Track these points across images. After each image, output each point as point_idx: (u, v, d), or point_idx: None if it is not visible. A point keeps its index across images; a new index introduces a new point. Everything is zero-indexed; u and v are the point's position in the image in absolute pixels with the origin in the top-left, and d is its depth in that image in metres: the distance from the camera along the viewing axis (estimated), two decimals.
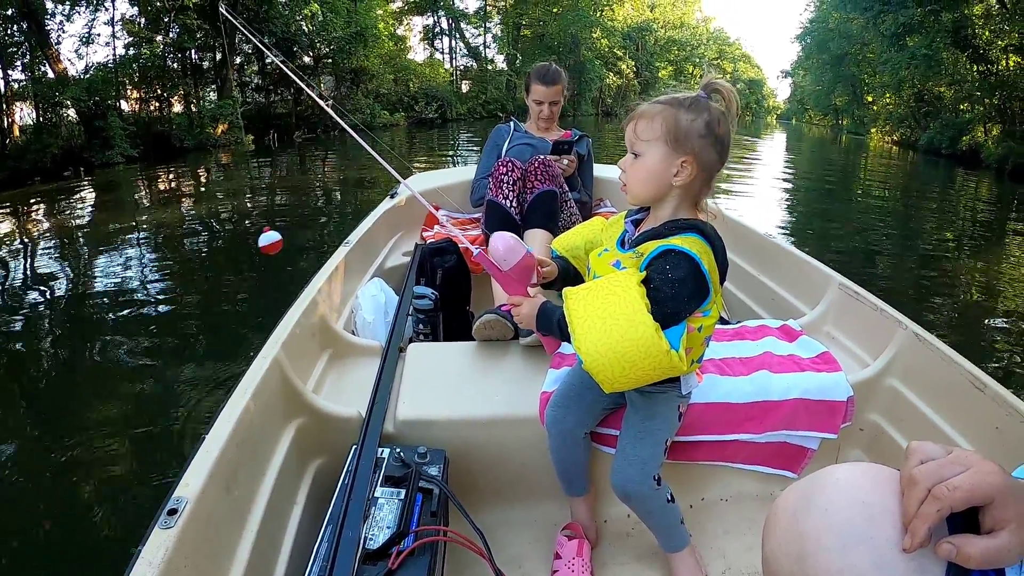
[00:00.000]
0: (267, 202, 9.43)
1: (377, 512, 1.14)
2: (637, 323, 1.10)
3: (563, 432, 1.44)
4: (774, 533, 0.68)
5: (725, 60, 60.36)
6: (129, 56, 16.75)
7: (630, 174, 1.24)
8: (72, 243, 6.86)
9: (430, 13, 35.90)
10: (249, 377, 1.33)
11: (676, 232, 1.19)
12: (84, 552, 2.25)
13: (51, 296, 5.11)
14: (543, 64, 2.82)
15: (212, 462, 1.07)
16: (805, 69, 43.76)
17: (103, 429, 2.97)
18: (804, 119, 53.70)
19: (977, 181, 14.12)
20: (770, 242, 2.52)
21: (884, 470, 0.66)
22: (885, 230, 8.10)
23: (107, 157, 13.72)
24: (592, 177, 2.96)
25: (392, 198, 3.07)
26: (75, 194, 10.72)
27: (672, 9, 53.07)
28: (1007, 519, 0.58)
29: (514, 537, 1.54)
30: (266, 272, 4.93)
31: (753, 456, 1.61)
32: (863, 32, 25.73)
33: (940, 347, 1.57)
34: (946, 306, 4.97)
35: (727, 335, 1.86)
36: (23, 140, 13.28)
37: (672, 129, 1.18)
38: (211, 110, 17.88)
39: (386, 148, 2.27)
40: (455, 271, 2.40)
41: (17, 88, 14.12)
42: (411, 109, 27.56)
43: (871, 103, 31.82)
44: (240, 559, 1.08)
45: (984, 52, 18.66)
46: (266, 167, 13.79)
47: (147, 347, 3.90)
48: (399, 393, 1.56)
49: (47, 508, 2.47)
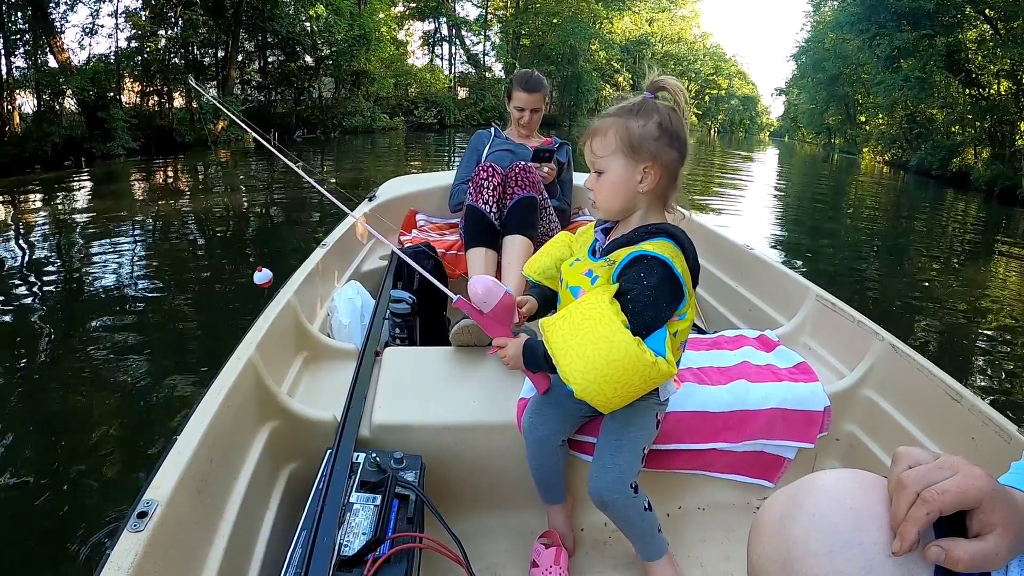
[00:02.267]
0: (264, 199, 9.46)
1: (352, 518, 1.12)
2: (617, 343, 1.10)
3: (540, 439, 1.42)
4: (761, 539, 0.68)
5: (721, 76, 61.15)
6: (131, 49, 16.65)
7: (597, 192, 1.25)
8: (69, 231, 6.83)
9: (431, 19, 35.94)
10: (222, 378, 1.30)
11: (646, 237, 1.20)
12: (59, 543, 2.20)
13: (44, 281, 5.11)
14: (525, 71, 2.83)
15: (183, 464, 1.05)
16: (799, 87, 44.16)
17: (86, 417, 2.95)
18: (797, 137, 54.31)
19: (966, 203, 14.38)
20: (748, 253, 2.54)
21: (870, 476, 0.66)
22: (872, 245, 8.27)
23: (108, 148, 13.65)
24: (571, 185, 2.97)
25: (370, 201, 3.05)
26: (75, 183, 10.72)
27: (670, 24, 53.49)
28: (994, 523, 0.58)
29: (491, 545, 1.52)
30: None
31: (731, 465, 1.62)
32: (858, 53, 26.08)
33: (916, 358, 1.59)
34: (931, 322, 5.04)
35: (705, 344, 1.87)
36: (23, 128, 13.16)
37: (626, 139, 1.20)
38: (212, 107, 17.62)
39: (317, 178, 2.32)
40: (433, 275, 2.38)
41: (20, 76, 13.98)
42: (411, 114, 27.58)
43: (864, 123, 32.20)
44: (212, 564, 1.06)
45: (976, 76, 19.06)
46: (264, 165, 13.80)
47: (134, 337, 3.88)
48: (375, 397, 1.54)
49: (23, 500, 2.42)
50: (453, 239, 2.69)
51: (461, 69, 36.63)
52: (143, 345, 3.77)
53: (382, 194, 3.16)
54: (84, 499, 2.42)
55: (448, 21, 35.76)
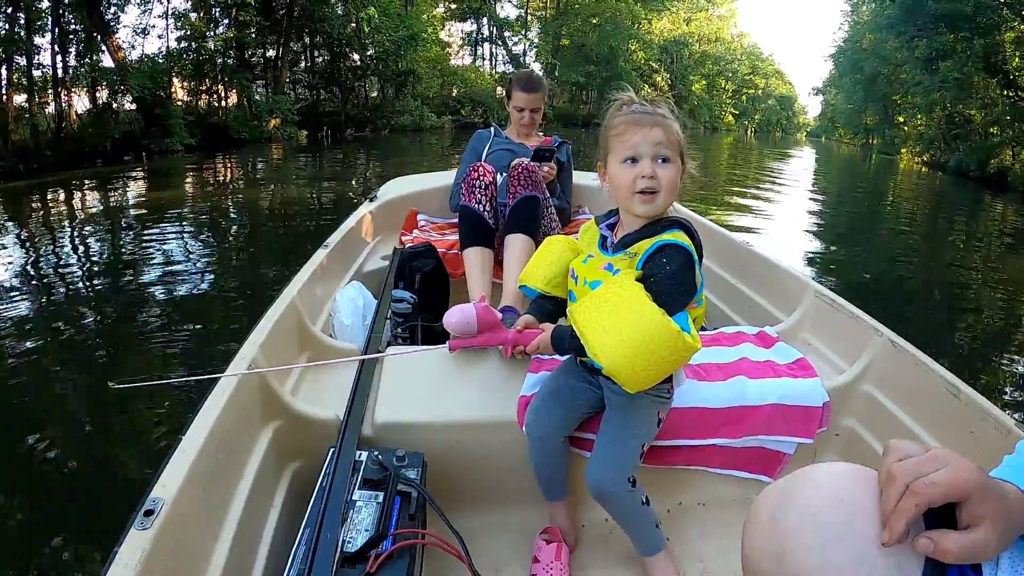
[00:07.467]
0: (313, 193, 9.98)
1: (355, 515, 1.13)
2: (644, 313, 1.13)
3: (542, 436, 1.44)
4: (754, 533, 0.69)
5: (758, 76, 61.05)
6: (181, 49, 17.25)
7: (665, 179, 1.23)
8: (135, 220, 7.34)
9: (472, 19, 36.50)
10: (227, 378, 1.32)
11: (660, 230, 1.22)
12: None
13: (106, 267, 5.47)
14: (524, 71, 2.85)
15: (189, 463, 1.06)
16: (837, 87, 44.14)
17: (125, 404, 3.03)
18: (834, 137, 54.16)
19: (1004, 204, 14.23)
20: (747, 250, 2.54)
21: (862, 469, 0.67)
22: (911, 245, 8.34)
23: (166, 144, 14.25)
24: (571, 184, 2.98)
25: (372, 201, 3.06)
26: (136, 177, 11.35)
27: (707, 24, 53.29)
28: (983, 515, 0.59)
29: (493, 541, 1.53)
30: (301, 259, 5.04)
31: (730, 461, 1.63)
32: (896, 53, 26.05)
33: (915, 353, 1.60)
34: (967, 328, 5.01)
35: (704, 341, 1.87)
36: (78, 125, 13.74)
37: (676, 141, 1.24)
38: (267, 105, 18.40)
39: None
40: (433, 275, 2.39)
41: (77, 73, 14.49)
42: (457, 113, 27.95)
43: (902, 124, 32.04)
44: (217, 561, 1.07)
45: (1014, 78, 19.09)
46: (316, 161, 14.59)
47: (179, 325, 4.06)
48: (377, 396, 1.55)
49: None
50: (454, 239, 2.69)
51: (502, 69, 37.02)
52: (185, 329, 3.97)
53: (383, 194, 3.18)
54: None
55: (490, 21, 36.09)
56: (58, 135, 13.02)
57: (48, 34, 13.73)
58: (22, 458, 2.59)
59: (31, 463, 2.56)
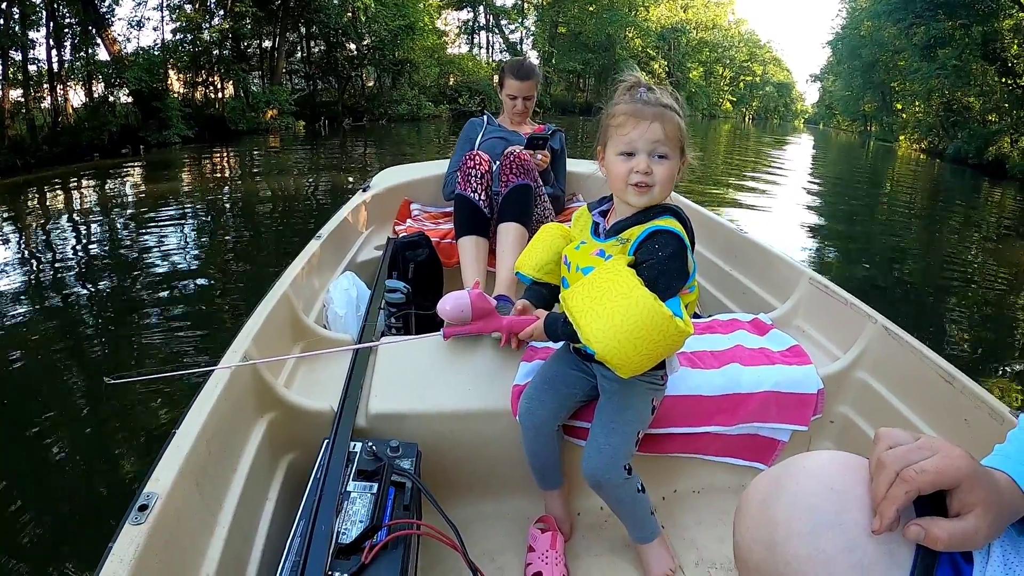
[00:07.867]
0: (312, 182, 10.09)
1: (350, 506, 1.13)
2: (635, 298, 1.13)
3: (536, 425, 1.44)
4: (745, 520, 0.69)
5: (755, 62, 60.83)
6: (176, 41, 17.24)
7: (659, 175, 1.23)
8: (133, 212, 7.40)
9: (468, 8, 36.45)
10: (220, 371, 1.31)
11: (653, 216, 1.23)
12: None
13: (105, 259, 5.49)
14: (517, 59, 2.83)
15: (183, 457, 1.06)
16: (835, 74, 44.02)
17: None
18: (832, 124, 54.03)
19: (1002, 191, 14.21)
20: (741, 237, 2.54)
21: (853, 457, 0.67)
22: (906, 228, 8.40)
23: (164, 137, 14.29)
24: (565, 171, 2.97)
25: (365, 191, 3.05)
26: (133, 169, 11.39)
27: (705, 11, 53.00)
28: (973, 503, 0.59)
29: (488, 531, 1.54)
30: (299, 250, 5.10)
31: (725, 448, 1.63)
32: (895, 40, 25.96)
33: (909, 340, 1.60)
34: (961, 313, 5.02)
35: (698, 328, 1.88)
36: (75, 119, 13.73)
37: (676, 136, 1.24)
38: (264, 96, 18.39)
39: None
40: (427, 265, 2.39)
41: (73, 67, 14.52)
42: (455, 101, 27.90)
43: (900, 111, 31.97)
44: (212, 554, 1.07)
45: (1012, 65, 19.06)
46: (314, 151, 14.61)
47: (177, 316, 4.09)
48: (371, 387, 1.55)
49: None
50: (448, 228, 2.69)
51: (498, 57, 37.01)
52: (183, 321, 4.00)
53: (376, 184, 3.17)
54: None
55: (486, 9, 35.99)
56: (55, 129, 13.03)
57: (43, 28, 13.73)
58: (16, 453, 2.60)
59: (26, 458, 2.56)
